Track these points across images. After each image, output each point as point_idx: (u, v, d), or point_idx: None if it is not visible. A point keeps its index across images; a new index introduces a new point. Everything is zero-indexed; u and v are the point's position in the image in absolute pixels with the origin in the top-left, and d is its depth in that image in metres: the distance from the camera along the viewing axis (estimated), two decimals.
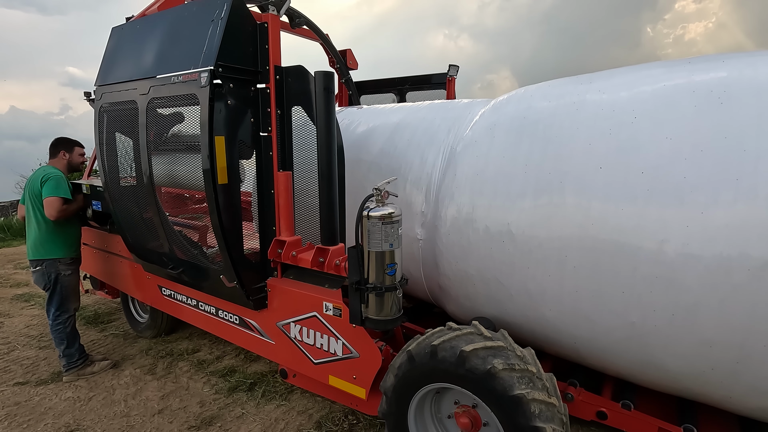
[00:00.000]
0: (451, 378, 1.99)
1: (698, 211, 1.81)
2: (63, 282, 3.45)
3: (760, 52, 2.00)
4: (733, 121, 1.82)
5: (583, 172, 2.10)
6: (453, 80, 4.56)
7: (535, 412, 1.80)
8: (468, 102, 3.05)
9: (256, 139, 2.64)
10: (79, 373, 3.54)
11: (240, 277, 2.64)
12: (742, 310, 1.77)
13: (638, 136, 2.00)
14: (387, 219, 2.05)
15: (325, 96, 2.28)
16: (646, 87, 2.11)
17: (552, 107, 2.37)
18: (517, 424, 1.82)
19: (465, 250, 2.50)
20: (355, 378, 2.46)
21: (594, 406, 2.42)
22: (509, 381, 1.85)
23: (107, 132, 3.10)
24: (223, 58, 2.39)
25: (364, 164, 3.11)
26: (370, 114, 3.48)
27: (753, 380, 1.86)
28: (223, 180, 2.48)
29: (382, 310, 2.14)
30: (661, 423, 2.27)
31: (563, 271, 2.16)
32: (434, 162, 2.77)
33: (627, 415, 2.34)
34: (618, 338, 2.10)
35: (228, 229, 2.54)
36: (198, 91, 2.40)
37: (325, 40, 4.45)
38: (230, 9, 2.40)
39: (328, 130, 2.31)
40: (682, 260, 1.84)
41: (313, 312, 2.56)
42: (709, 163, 1.82)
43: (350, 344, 2.43)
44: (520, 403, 1.81)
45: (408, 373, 2.07)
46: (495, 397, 1.89)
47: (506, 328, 2.45)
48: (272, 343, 2.84)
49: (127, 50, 3.00)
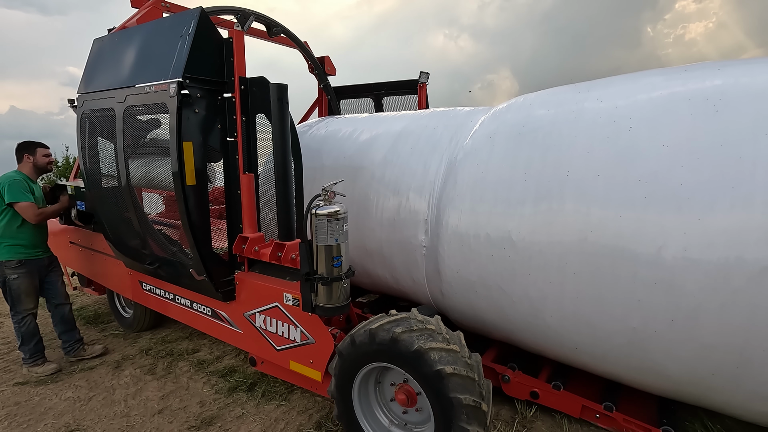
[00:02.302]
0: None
1: (695, 217, 1.82)
2: (11, 285, 3.48)
3: (755, 60, 2.03)
4: (729, 128, 1.84)
5: (582, 179, 2.12)
6: (424, 86, 4.79)
7: (435, 358, 2.02)
8: (470, 110, 3.10)
9: (224, 144, 2.88)
10: (30, 370, 3.61)
11: (209, 270, 2.87)
12: (742, 315, 1.78)
13: (636, 144, 2.03)
14: (333, 216, 2.28)
15: (279, 105, 2.51)
16: (643, 95, 2.14)
17: (551, 115, 2.40)
18: (425, 374, 2.04)
19: (466, 257, 2.52)
20: (311, 362, 2.68)
21: (528, 387, 2.67)
22: (409, 340, 2.08)
23: (89, 137, 3.33)
24: (190, 70, 2.62)
25: (368, 172, 3.14)
26: (374, 122, 3.52)
27: (754, 385, 1.86)
28: (191, 181, 2.71)
29: (331, 298, 2.38)
30: (584, 401, 2.51)
31: (564, 277, 2.17)
32: (437, 170, 2.79)
33: (556, 395, 2.58)
34: (619, 343, 2.12)
35: (196, 227, 2.77)
36: (167, 101, 2.63)
37: (302, 47, 4.68)
38: (197, 26, 2.63)
39: (283, 136, 2.55)
40: (681, 265, 1.85)
41: (275, 302, 2.78)
42: (706, 170, 1.83)
43: (307, 331, 2.66)
44: (420, 354, 2.04)
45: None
46: (402, 358, 2.10)
47: (509, 334, 2.60)
48: (240, 332, 3.07)
49: (106, 61, 3.23)
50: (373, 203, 3.05)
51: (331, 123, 3.86)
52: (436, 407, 2.06)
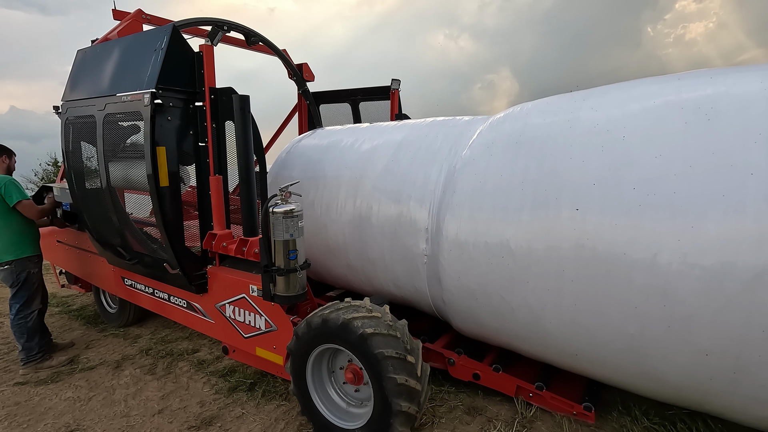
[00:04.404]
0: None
1: (689, 225, 1.86)
2: (32, 279, 3.71)
3: (746, 68, 2.07)
4: (720, 137, 1.87)
5: (578, 188, 2.16)
6: (396, 92, 5.05)
7: (358, 325, 2.31)
8: (469, 119, 3.15)
9: (196, 149, 3.13)
10: (37, 367, 3.71)
11: (182, 265, 3.12)
12: (737, 321, 1.81)
13: (630, 153, 2.06)
14: (288, 214, 2.54)
15: (241, 114, 2.76)
16: (637, 104, 2.18)
17: (547, 124, 2.44)
18: (352, 341, 2.31)
19: (466, 265, 2.56)
20: (275, 348, 2.93)
21: (471, 369, 2.93)
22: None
23: (72, 141, 3.57)
24: (163, 81, 2.87)
25: (369, 182, 3.18)
26: (375, 131, 3.57)
27: (752, 390, 1.88)
28: (165, 183, 2.95)
29: (288, 288, 2.63)
30: (519, 382, 2.79)
31: (562, 285, 2.21)
32: (437, 179, 2.83)
33: (495, 376, 2.85)
34: (618, 349, 2.15)
35: (169, 224, 3.01)
36: (142, 109, 2.88)
37: (280, 54, 4.92)
38: (169, 41, 2.88)
39: (245, 142, 2.80)
40: (676, 273, 1.89)
41: (242, 294, 3.03)
42: (698, 178, 1.86)
43: (270, 320, 2.91)
44: (347, 325, 2.32)
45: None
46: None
47: (509, 341, 2.67)
48: (212, 322, 3.32)
49: (88, 71, 3.47)
50: (375, 212, 3.09)
51: (333, 133, 3.93)
52: (367, 367, 2.29)
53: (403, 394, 2.23)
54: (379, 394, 2.28)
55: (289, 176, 3.73)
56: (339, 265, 3.47)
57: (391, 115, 4.89)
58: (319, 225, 3.45)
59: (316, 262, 3.65)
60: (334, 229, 3.36)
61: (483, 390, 2.95)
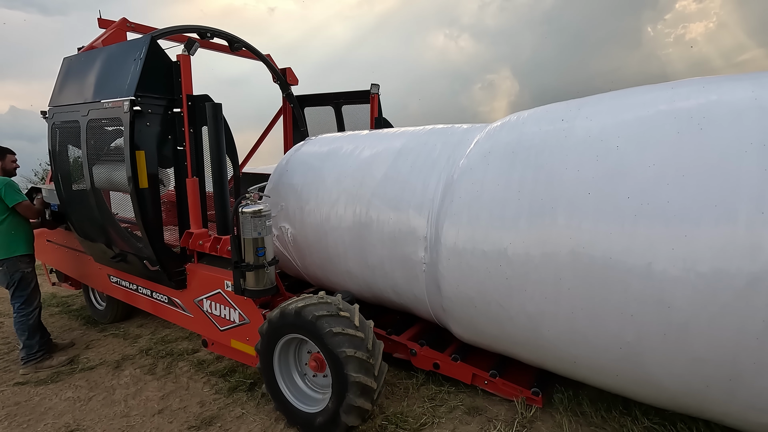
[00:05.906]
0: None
1: (682, 234, 1.87)
2: (27, 278, 3.77)
3: (739, 76, 2.08)
4: (713, 146, 1.88)
5: (573, 197, 2.18)
6: (376, 96, 5.24)
7: (311, 309, 2.51)
8: (467, 127, 3.15)
9: (175, 152, 3.31)
10: (38, 366, 3.73)
11: (161, 262, 3.30)
12: (731, 328, 1.81)
13: (624, 162, 2.07)
14: (257, 214, 2.72)
15: (213, 121, 2.94)
16: (631, 113, 2.19)
17: (542, 133, 2.45)
18: (304, 325, 2.52)
19: (465, 273, 2.58)
20: (248, 339, 3.12)
21: (431, 359, 3.12)
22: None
23: (59, 145, 3.74)
24: (142, 89, 3.05)
25: (369, 189, 3.18)
26: (374, 139, 3.57)
27: (748, 397, 1.89)
28: (144, 185, 3.13)
29: (257, 283, 2.82)
30: (475, 370, 2.98)
31: (559, 293, 2.22)
32: (435, 187, 2.84)
33: (454, 365, 3.04)
34: (615, 357, 2.16)
35: (148, 223, 3.19)
36: (122, 116, 3.06)
37: (264, 60, 5.10)
38: (147, 51, 3.07)
39: (218, 146, 2.98)
40: (670, 281, 1.90)
41: (218, 289, 3.22)
42: (691, 187, 1.87)
43: (243, 313, 3.10)
44: (300, 312, 2.52)
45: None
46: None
47: (509, 349, 2.71)
48: (191, 316, 3.50)
49: (74, 78, 3.65)
50: (375, 219, 3.10)
51: (334, 140, 3.93)
52: (313, 340, 2.52)
53: (360, 389, 2.38)
54: (337, 387, 2.46)
55: (289, 183, 3.75)
56: (339, 271, 3.47)
57: (371, 117, 5.09)
58: (320, 232, 3.45)
59: (317, 269, 3.67)
60: (334, 236, 3.36)
61: (483, 390, 3.01)
